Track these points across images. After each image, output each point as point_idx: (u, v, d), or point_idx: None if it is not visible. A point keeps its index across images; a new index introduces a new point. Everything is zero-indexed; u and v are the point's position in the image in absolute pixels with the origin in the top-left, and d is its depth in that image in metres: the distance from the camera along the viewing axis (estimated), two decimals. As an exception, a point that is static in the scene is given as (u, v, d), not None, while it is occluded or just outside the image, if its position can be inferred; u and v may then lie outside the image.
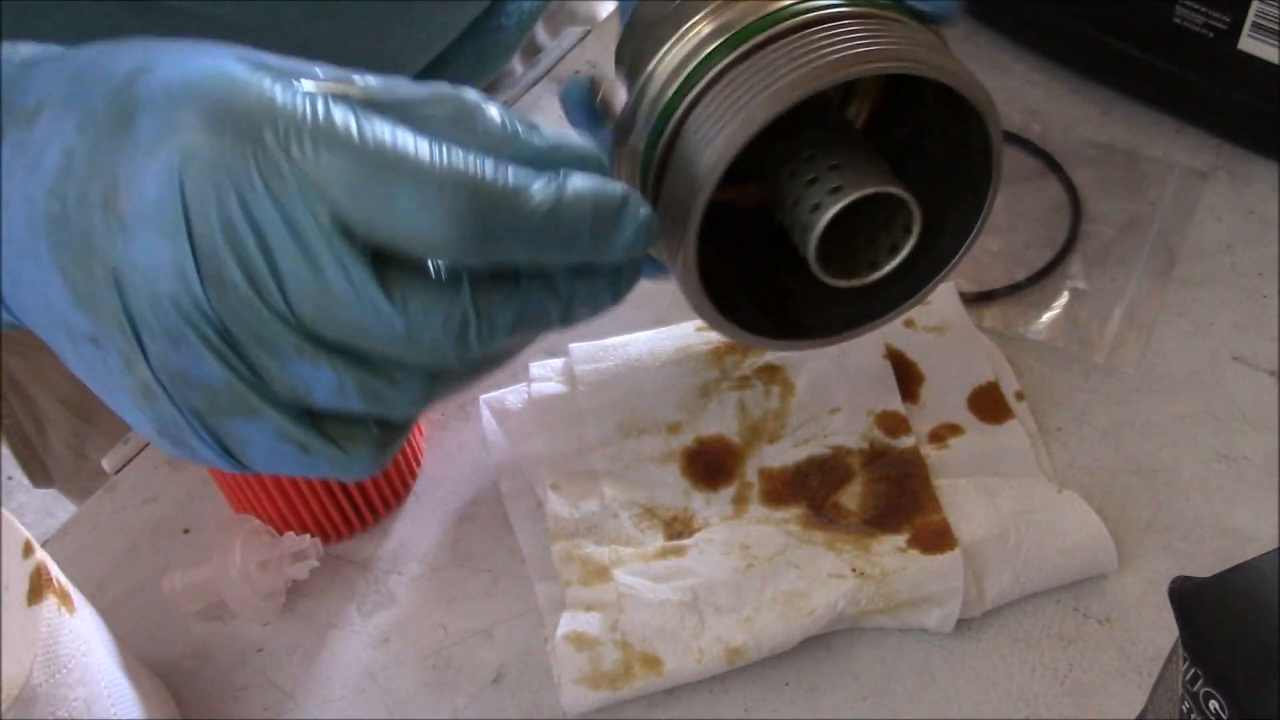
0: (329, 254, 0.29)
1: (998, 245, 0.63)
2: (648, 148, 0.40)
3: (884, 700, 0.49)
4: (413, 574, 0.54)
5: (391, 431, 0.34)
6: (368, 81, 0.32)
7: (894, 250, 0.44)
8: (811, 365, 0.56)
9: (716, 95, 0.39)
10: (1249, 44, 0.61)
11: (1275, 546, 0.36)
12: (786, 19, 0.39)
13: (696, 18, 0.40)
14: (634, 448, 0.54)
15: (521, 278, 0.32)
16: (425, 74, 0.63)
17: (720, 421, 0.55)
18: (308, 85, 0.30)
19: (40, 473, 0.78)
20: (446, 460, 0.58)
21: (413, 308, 0.30)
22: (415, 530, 0.56)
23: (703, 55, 0.39)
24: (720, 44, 0.39)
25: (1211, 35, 0.62)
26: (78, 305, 0.31)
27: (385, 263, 0.30)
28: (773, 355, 0.56)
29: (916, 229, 0.42)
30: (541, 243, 0.31)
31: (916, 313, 0.58)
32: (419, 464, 0.57)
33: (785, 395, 0.55)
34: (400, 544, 0.55)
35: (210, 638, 0.53)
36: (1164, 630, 0.50)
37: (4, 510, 0.42)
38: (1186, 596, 0.36)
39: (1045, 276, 0.61)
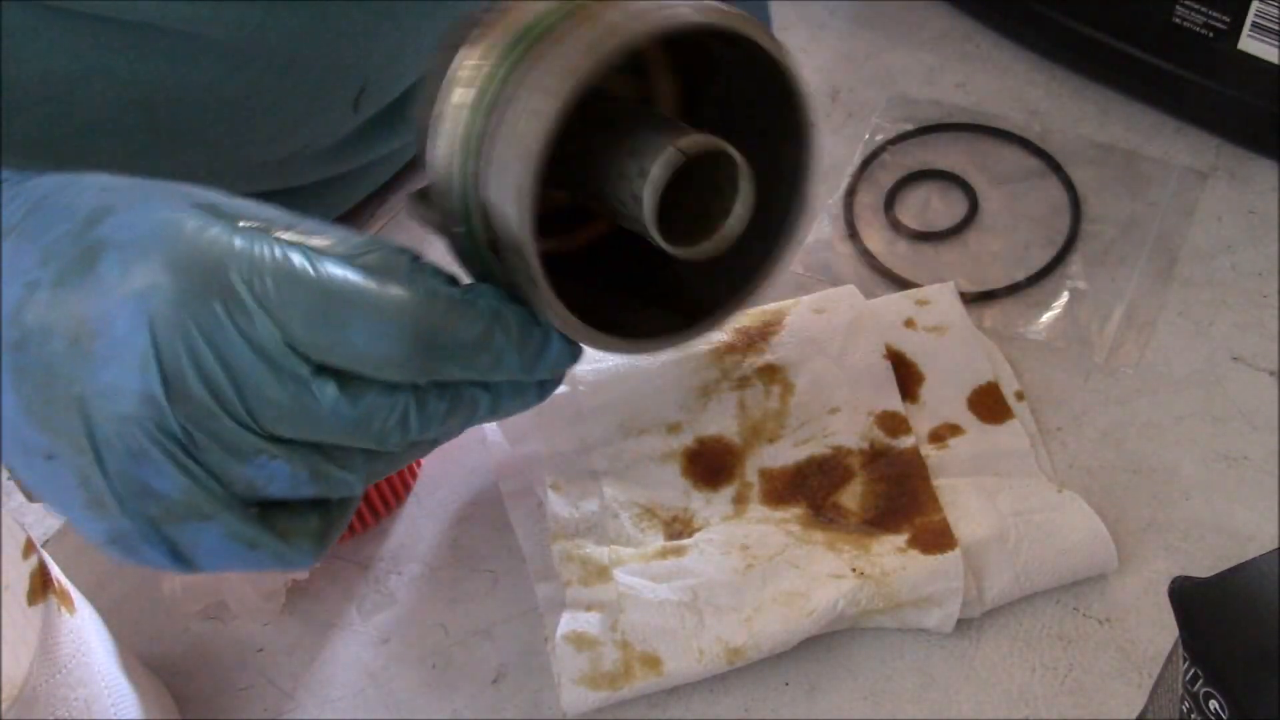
0: (290, 365, 0.33)
1: (998, 245, 0.63)
2: (463, 219, 0.39)
3: (884, 700, 0.49)
4: (413, 574, 0.54)
5: (331, 521, 0.37)
6: (309, 228, 0.36)
7: (728, 211, 0.41)
8: (811, 365, 0.56)
9: (497, 129, 0.37)
10: (1249, 44, 0.61)
11: (1275, 546, 0.36)
12: (524, 38, 0.37)
13: (446, 92, 0.38)
14: (634, 448, 0.54)
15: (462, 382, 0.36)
16: (413, 92, 0.63)
17: (720, 421, 0.55)
18: (254, 229, 0.34)
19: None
20: (446, 460, 0.58)
21: (362, 405, 0.34)
22: (415, 530, 0.56)
23: (469, 107, 0.38)
24: (478, 92, 0.37)
25: (1211, 35, 0.62)
26: (33, 424, 0.33)
27: (336, 374, 0.34)
28: (773, 355, 0.56)
29: (746, 178, 0.40)
30: (475, 364, 0.36)
31: (917, 313, 0.58)
32: (419, 464, 0.57)
33: (785, 395, 0.55)
34: (400, 544, 0.55)
35: (210, 638, 0.53)
36: (1164, 630, 0.50)
37: (4, 510, 0.42)
38: (1186, 596, 0.36)
39: (1045, 276, 0.61)
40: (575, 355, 0.38)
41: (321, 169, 0.62)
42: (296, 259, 0.33)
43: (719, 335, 0.56)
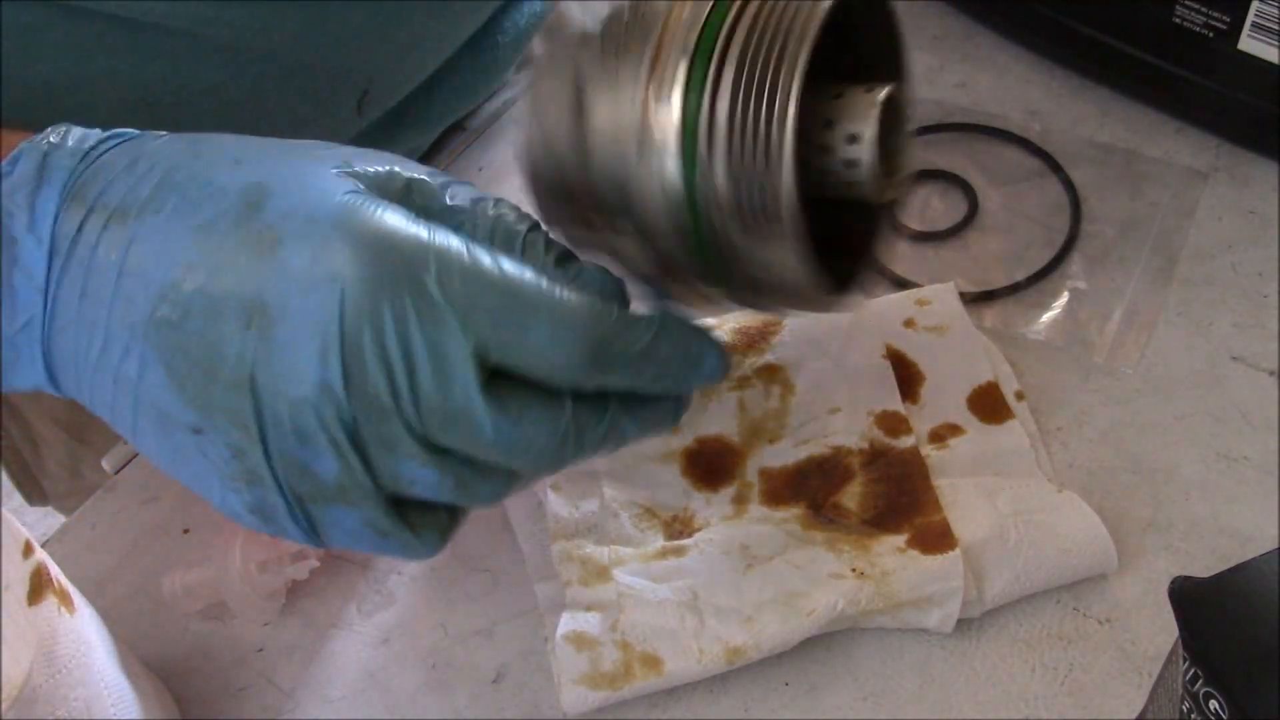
0: (467, 381, 0.33)
1: (998, 245, 0.63)
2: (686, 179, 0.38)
3: (884, 700, 0.49)
4: (413, 574, 0.54)
5: (457, 520, 0.38)
6: (461, 197, 0.37)
7: (894, 150, 0.42)
8: (811, 365, 0.56)
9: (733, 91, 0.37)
10: (1249, 44, 0.61)
11: (1275, 546, 0.36)
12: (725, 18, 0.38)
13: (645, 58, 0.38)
14: (634, 448, 0.54)
15: (610, 401, 0.37)
16: (421, 91, 0.62)
17: (720, 421, 0.55)
18: (432, 210, 0.36)
19: (36, 491, 0.78)
20: (446, 460, 0.58)
21: (525, 424, 0.35)
22: (415, 530, 0.55)
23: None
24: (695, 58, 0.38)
25: (1211, 35, 0.62)
26: (184, 400, 0.33)
27: (503, 378, 0.34)
28: (773, 355, 0.56)
29: (909, 114, 0.42)
30: (639, 372, 0.36)
31: (917, 313, 0.58)
32: (419, 464, 0.57)
33: (785, 395, 0.55)
34: (400, 544, 0.55)
35: (210, 638, 0.53)
36: (1164, 630, 0.50)
37: (4, 510, 0.42)
38: (1186, 596, 0.36)
39: (1045, 276, 0.61)
40: (727, 366, 0.39)
41: None
42: (484, 258, 0.34)
43: (720, 335, 0.56)
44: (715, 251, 0.39)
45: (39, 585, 0.41)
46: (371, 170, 0.36)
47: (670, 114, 0.37)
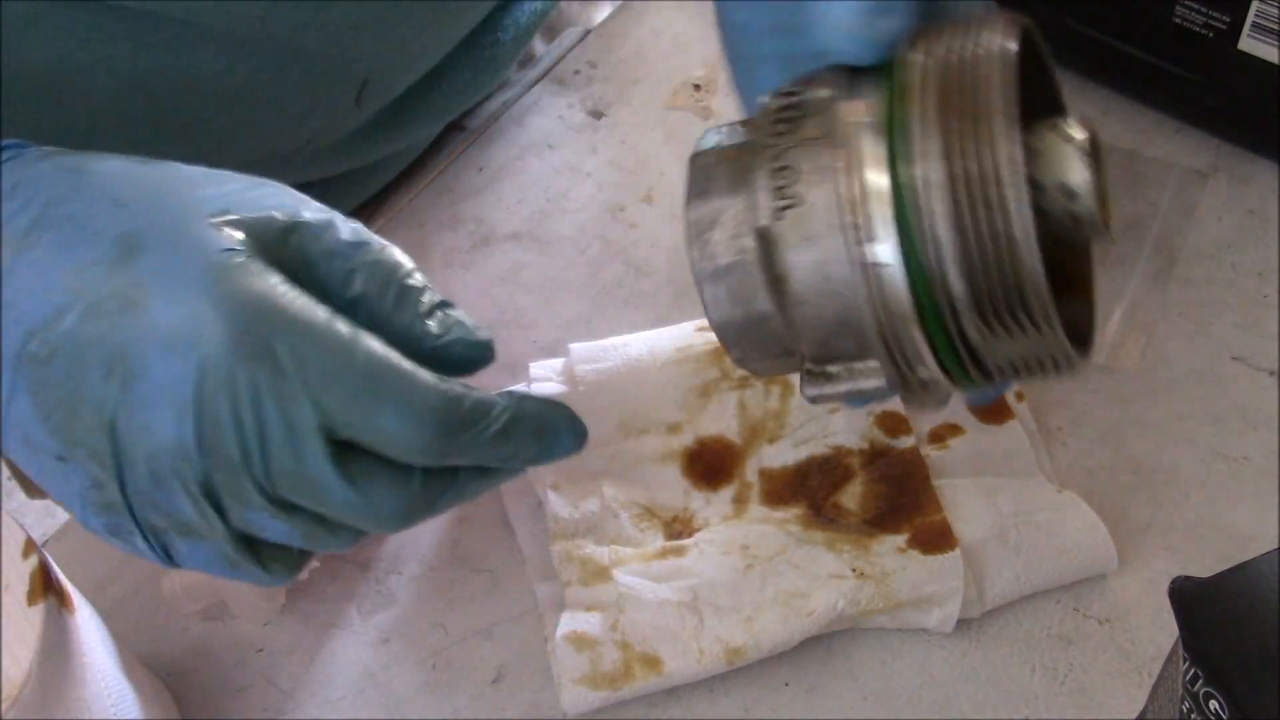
0: (315, 453, 0.34)
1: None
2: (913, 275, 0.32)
3: (884, 700, 0.49)
4: (413, 574, 0.54)
5: (308, 557, 0.39)
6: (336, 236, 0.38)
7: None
8: (811, 365, 0.56)
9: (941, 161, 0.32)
10: (1249, 44, 0.61)
11: (1275, 546, 0.36)
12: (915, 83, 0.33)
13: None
14: (634, 448, 0.54)
15: (461, 471, 0.38)
16: (420, 89, 0.62)
17: (720, 421, 0.55)
18: (300, 280, 0.36)
19: (35, 486, 0.78)
20: (446, 460, 0.58)
21: (373, 494, 0.35)
22: (415, 530, 0.55)
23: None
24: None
25: (1211, 35, 0.62)
26: (48, 431, 0.34)
27: (356, 449, 0.35)
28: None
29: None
30: (491, 453, 0.37)
31: (916, 313, 0.58)
32: (419, 464, 0.57)
33: (785, 395, 0.55)
34: (400, 544, 0.55)
35: (210, 638, 0.53)
36: (1164, 630, 0.50)
37: (4, 510, 0.42)
38: (1186, 596, 0.36)
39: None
40: (582, 442, 0.39)
41: (324, 166, 0.62)
42: (342, 333, 0.35)
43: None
44: (958, 350, 0.34)
45: (39, 585, 0.41)
46: (251, 217, 0.36)
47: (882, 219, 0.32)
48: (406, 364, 0.35)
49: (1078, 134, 0.35)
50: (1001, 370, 0.35)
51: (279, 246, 0.36)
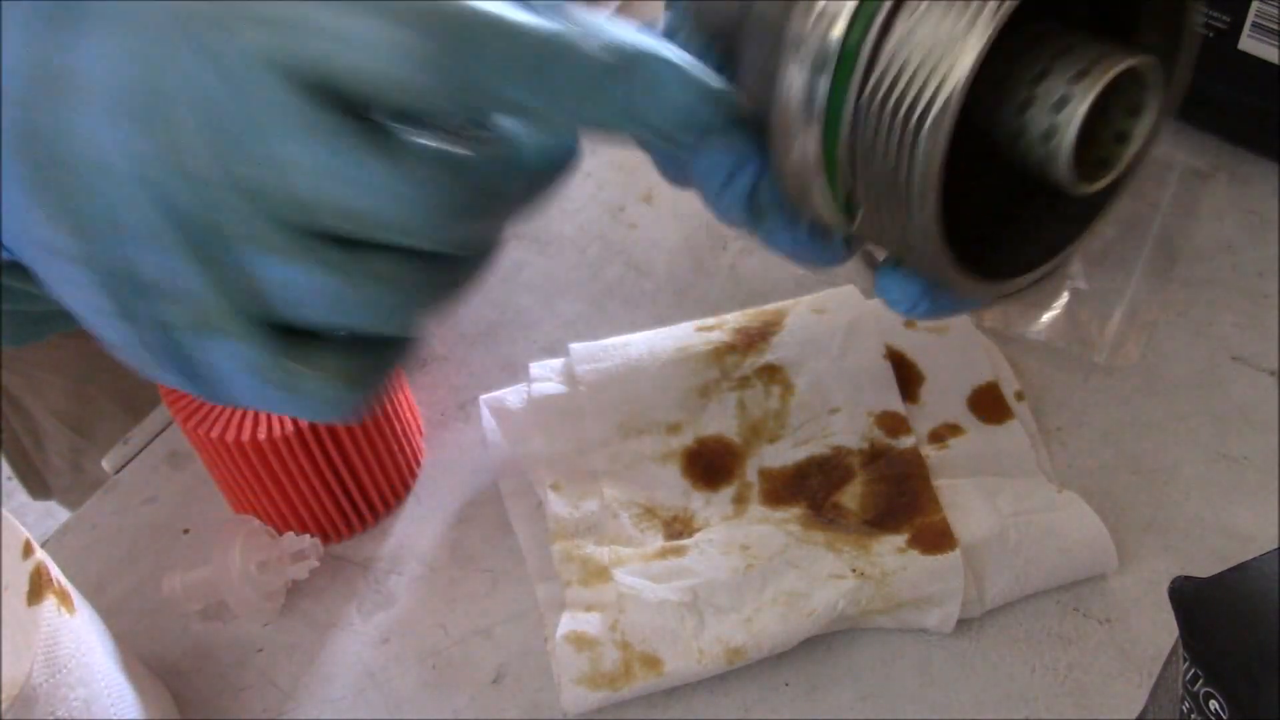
0: (273, 101, 0.25)
1: (998, 245, 0.63)
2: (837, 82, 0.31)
3: (884, 700, 0.49)
4: (413, 574, 0.54)
5: (374, 364, 0.30)
6: None
7: (1122, 137, 0.36)
8: (811, 365, 0.56)
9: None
10: (1249, 44, 0.61)
11: (1275, 546, 0.36)
12: None
13: None
14: (634, 448, 0.54)
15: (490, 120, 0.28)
16: None
17: (720, 421, 0.55)
18: None
19: (38, 486, 0.78)
20: (446, 460, 0.58)
21: (403, 164, 0.26)
22: (415, 530, 0.56)
23: None
24: None
25: (1211, 35, 0.62)
26: (48, 219, 0.28)
27: (362, 125, 0.26)
28: (773, 355, 0.56)
29: (1156, 93, 0.35)
30: (544, 87, 0.26)
31: (916, 313, 0.58)
32: (419, 464, 0.57)
33: (785, 395, 0.55)
34: (400, 544, 0.55)
35: (210, 638, 0.53)
36: (1164, 630, 0.50)
37: (4, 510, 0.42)
38: (1186, 596, 0.36)
39: (1045, 276, 0.61)
40: (723, 105, 0.28)
41: None
42: None
43: (720, 335, 0.56)
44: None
45: (39, 585, 0.41)
46: None
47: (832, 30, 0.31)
48: None
49: (1120, 63, 0.33)
50: (863, 210, 0.33)
51: None
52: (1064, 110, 0.33)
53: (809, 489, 0.53)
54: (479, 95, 0.25)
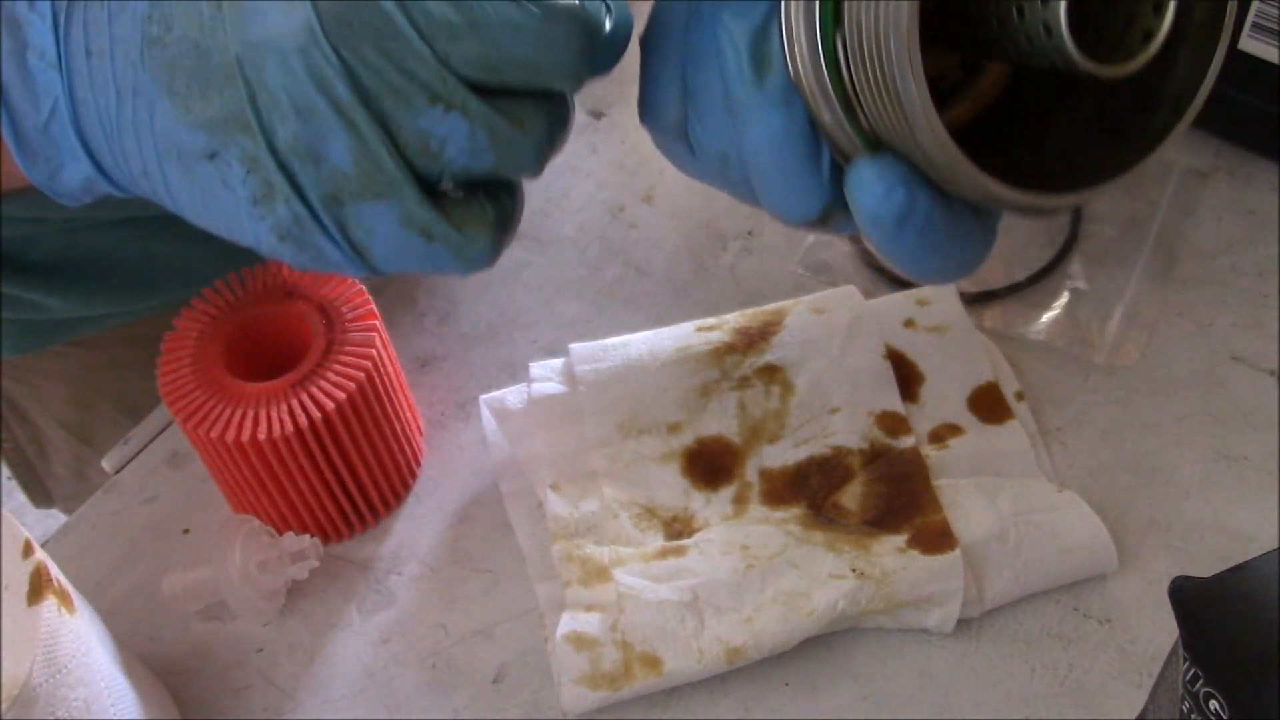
0: None
1: (998, 245, 0.63)
2: None
3: (884, 700, 0.49)
4: (413, 574, 0.54)
5: (505, 212, 0.34)
6: None
7: (1148, 37, 0.35)
8: (811, 365, 0.56)
9: None
10: (1249, 44, 0.61)
11: (1275, 546, 0.36)
12: None
13: None
14: (634, 448, 0.54)
15: None
16: None
17: (720, 421, 0.55)
18: None
19: (41, 494, 0.78)
20: (446, 460, 0.58)
21: (557, 19, 0.30)
22: (415, 530, 0.56)
23: None
24: None
25: (1211, 35, 0.62)
26: (190, 121, 0.31)
27: None
28: (773, 355, 0.56)
29: None
30: None
31: (917, 313, 0.58)
32: (419, 464, 0.57)
33: (785, 395, 0.55)
34: (400, 544, 0.55)
35: (210, 638, 0.53)
36: (1164, 630, 0.50)
37: (4, 510, 0.42)
38: (1186, 596, 0.36)
39: (1045, 276, 0.61)
40: None
41: None
42: None
43: (720, 335, 0.56)
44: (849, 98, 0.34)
45: (39, 585, 0.41)
46: None
47: None
48: None
49: None
50: (885, 138, 0.34)
51: None
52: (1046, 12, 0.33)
53: (809, 489, 0.53)
54: None
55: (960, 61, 0.40)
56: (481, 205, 0.34)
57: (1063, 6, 0.33)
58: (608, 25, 0.33)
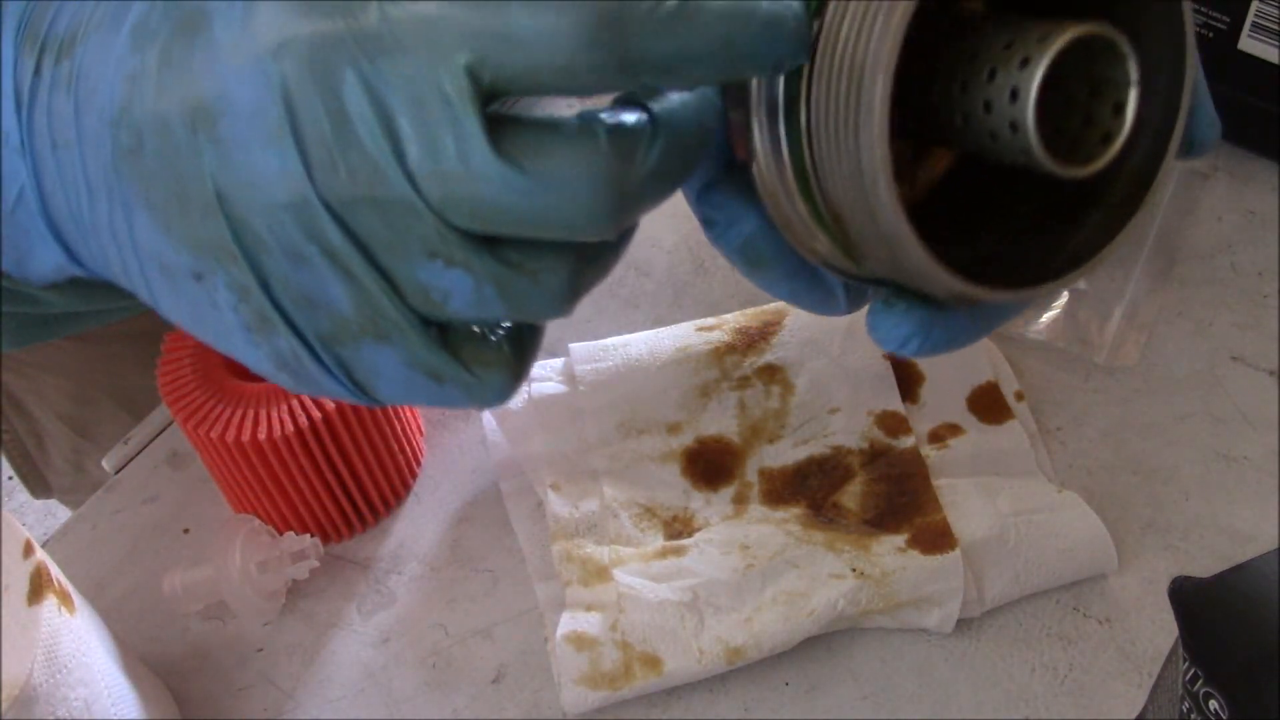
0: (456, 116, 0.26)
1: (998, 245, 0.63)
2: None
3: (884, 700, 0.49)
4: (413, 574, 0.54)
5: (524, 348, 0.31)
6: None
7: (1108, 139, 0.35)
8: (811, 365, 0.56)
9: None
10: (1249, 44, 0.61)
11: (1275, 546, 0.36)
12: None
13: None
14: (634, 448, 0.54)
15: (653, 115, 0.28)
16: None
17: (720, 421, 0.55)
18: None
19: (40, 485, 0.79)
20: (446, 460, 0.58)
21: (554, 164, 0.27)
22: (415, 530, 0.56)
23: None
24: None
25: (1211, 35, 0.62)
26: (173, 239, 0.28)
27: (510, 122, 0.27)
28: (773, 355, 0.56)
29: (1135, 79, 0.34)
30: (688, 50, 0.27)
31: (916, 313, 0.58)
32: (419, 464, 0.57)
33: (785, 395, 0.55)
34: (400, 544, 0.55)
35: (210, 638, 0.53)
36: (1164, 630, 0.50)
37: (4, 510, 0.42)
38: (1186, 596, 0.36)
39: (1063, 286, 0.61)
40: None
41: None
42: None
43: (720, 335, 0.56)
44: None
45: (39, 585, 0.41)
46: None
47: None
48: None
49: (1063, 35, 0.33)
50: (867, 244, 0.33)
51: None
52: (1019, 97, 0.33)
53: (809, 489, 0.53)
54: (634, 62, 0.26)
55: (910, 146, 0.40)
56: (497, 345, 0.30)
57: (1031, 105, 0.32)
58: (651, 156, 0.28)
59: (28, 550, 0.41)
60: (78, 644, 0.42)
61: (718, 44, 0.27)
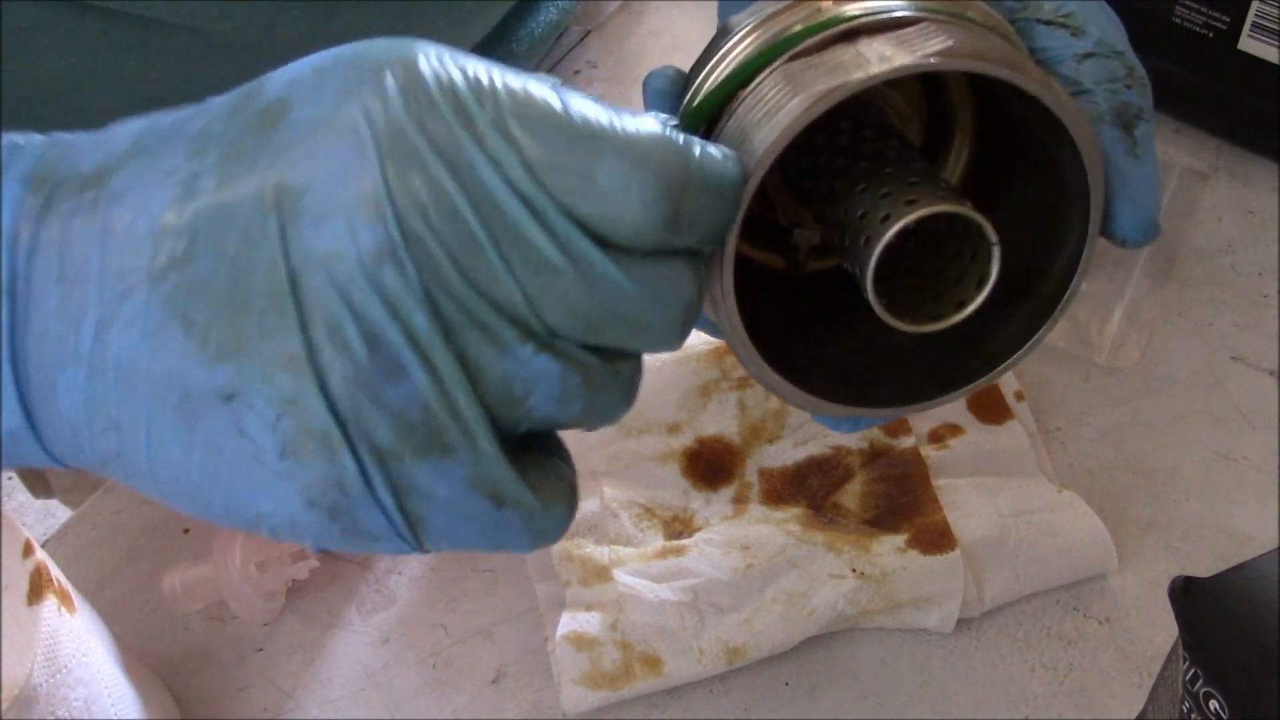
0: (544, 207, 0.27)
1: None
2: None
3: (884, 700, 0.49)
4: (413, 574, 0.54)
5: (575, 477, 0.32)
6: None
7: (963, 303, 0.38)
8: (811, 365, 0.56)
9: (761, 89, 0.34)
10: (1249, 44, 0.61)
11: (1275, 546, 0.36)
12: (845, 21, 0.35)
13: (746, 28, 0.36)
14: (634, 447, 0.54)
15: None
16: None
17: (720, 421, 0.55)
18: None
19: (40, 485, 0.79)
20: (446, 460, 0.58)
21: (662, 279, 0.29)
22: (415, 530, 0.55)
23: (746, 56, 0.36)
24: (770, 47, 0.35)
25: (1211, 35, 0.62)
26: (210, 357, 0.27)
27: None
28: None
29: (995, 261, 0.37)
30: (725, 207, 0.30)
31: (916, 313, 0.58)
32: (419, 464, 0.57)
33: (785, 395, 0.55)
34: (400, 544, 0.55)
35: (210, 638, 0.53)
36: (1164, 630, 0.50)
37: (4, 510, 0.42)
38: (1186, 596, 0.36)
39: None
40: None
41: None
42: (540, 90, 0.28)
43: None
44: None
45: (39, 585, 0.41)
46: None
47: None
48: (617, 113, 0.29)
49: (909, 214, 0.36)
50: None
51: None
52: (884, 225, 0.36)
53: (809, 489, 0.53)
54: (677, 230, 0.29)
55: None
56: (558, 466, 0.30)
57: (873, 262, 0.36)
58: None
59: (28, 550, 0.41)
60: (78, 644, 0.42)
61: (734, 198, 0.31)
